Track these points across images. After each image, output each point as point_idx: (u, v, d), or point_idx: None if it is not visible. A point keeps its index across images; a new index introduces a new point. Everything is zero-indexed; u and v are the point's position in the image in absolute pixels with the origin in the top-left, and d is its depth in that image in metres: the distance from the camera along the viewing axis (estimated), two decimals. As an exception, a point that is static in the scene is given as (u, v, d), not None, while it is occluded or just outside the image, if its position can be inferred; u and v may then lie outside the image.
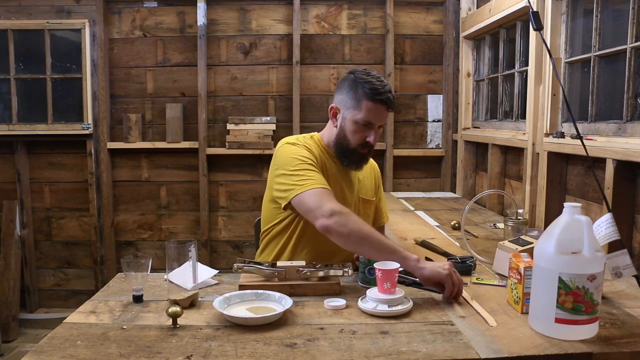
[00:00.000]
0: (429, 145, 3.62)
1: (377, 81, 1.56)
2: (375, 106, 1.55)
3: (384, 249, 1.36)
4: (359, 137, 1.59)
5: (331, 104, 1.65)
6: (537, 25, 1.47)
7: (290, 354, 1.04)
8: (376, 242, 1.37)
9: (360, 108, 1.56)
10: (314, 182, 1.48)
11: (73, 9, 3.39)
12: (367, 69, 1.63)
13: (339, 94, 1.62)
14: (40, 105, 3.42)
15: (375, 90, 1.54)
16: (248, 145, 3.43)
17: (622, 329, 1.15)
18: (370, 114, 1.56)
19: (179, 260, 1.27)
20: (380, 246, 1.37)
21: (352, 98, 1.57)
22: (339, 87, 1.64)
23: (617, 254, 1.28)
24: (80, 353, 1.04)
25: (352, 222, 1.39)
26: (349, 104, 1.58)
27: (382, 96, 1.54)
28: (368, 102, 1.55)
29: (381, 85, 1.56)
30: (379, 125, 1.61)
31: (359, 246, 1.41)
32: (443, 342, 1.09)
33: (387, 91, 1.56)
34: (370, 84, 1.55)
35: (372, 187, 1.79)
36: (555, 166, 2.22)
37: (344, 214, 1.40)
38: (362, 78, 1.57)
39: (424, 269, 1.33)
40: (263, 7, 3.47)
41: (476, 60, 3.37)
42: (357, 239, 1.38)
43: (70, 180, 3.53)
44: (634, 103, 1.83)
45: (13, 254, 3.39)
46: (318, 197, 1.44)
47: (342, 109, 1.61)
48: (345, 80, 1.62)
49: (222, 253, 3.61)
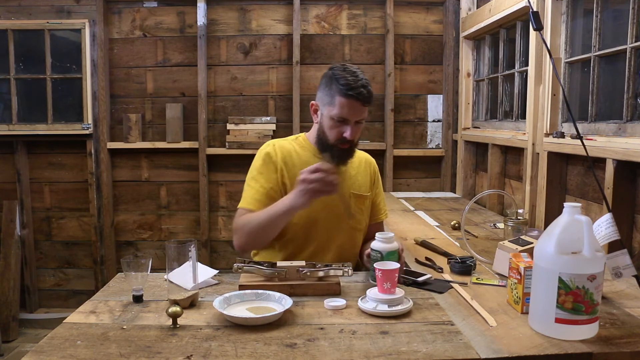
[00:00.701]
0: (429, 145, 3.62)
1: (351, 76, 1.54)
2: (348, 102, 1.53)
3: (272, 215, 1.49)
4: (336, 132, 1.58)
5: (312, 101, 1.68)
6: (537, 25, 1.47)
7: (290, 354, 1.04)
8: (264, 217, 1.51)
9: (334, 104, 1.55)
10: (242, 201, 1.63)
11: (73, 9, 3.39)
12: (346, 63, 1.61)
13: (319, 91, 1.63)
14: (40, 105, 3.42)
15: (347, 86, 1.52)
16: (248, 145, 3.43)
17: (622, 329, 1.15)
18: (343, 110, 1.54)
19: (179, 260, 1.28)
20: (268, 216, 1.50)
21: (328, 94, 1.58)
22: (320, 83, 1.64)
23: (617, 254, 1.28)
24: (80, 353, 1.04)
25: (242, 225, 1.56)
26: (325, 100, 1.59)
27: (355, 91, 1.52)
28: (341, 98, 1.53)
29: (354, 80, 1.53)
30: (356, 121, 1.58)
31: (258, 233, 1.54)
32: (443, 342, 1.09)
33: (360, 86, 1.52)
34: (344, 79, 1.53)
35: (366, 182, 1.76)
36: (555, 166, 2.22)
37: (238, 225, 1.58)
38: (338, 74, 1.55)
39: (288, 203, 1.46)
40: (263, 7, 3.47)
41: (476, 60, 3.37)
42: (253, 230, 1.53)
43: (70, 180, 3.53)
44: (634, 103, 1.83)
45: (13, 254, 3.39)
46: (237, 218, 1.61)
47: (320, 106, 1.63)
48: (324, 77, 1.62)
49: (222, 253, 3.61)
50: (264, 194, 1.62)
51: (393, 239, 1.40)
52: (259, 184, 1.63)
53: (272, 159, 1.65)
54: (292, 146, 1.70)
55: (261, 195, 1.61)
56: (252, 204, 1.61)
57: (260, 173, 1.65)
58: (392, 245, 1.39)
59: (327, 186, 1.41)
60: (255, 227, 1.53)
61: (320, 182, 1.40)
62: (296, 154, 1.68)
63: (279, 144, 1.70)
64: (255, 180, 1.65)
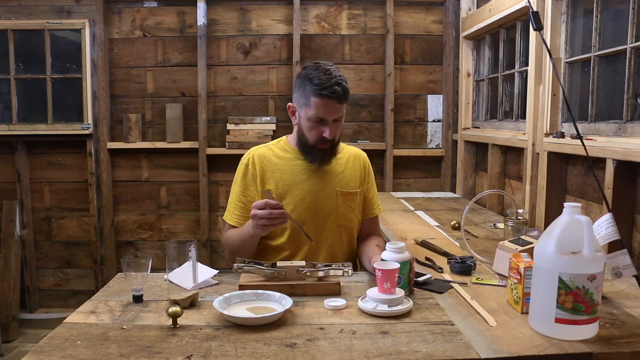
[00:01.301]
0: (429, 145, 3.62)
1: (325, 75, 1.51)
2: (323, 101, 1.51)
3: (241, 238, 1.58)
4: (315, 133, 1.58)
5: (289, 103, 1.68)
6: (537, 25, 1.47)
7: (290, 354, 1.04)
8: (237, 239, 1.60)
9: (310, 105, 1.54)
10: (227, 213, 1.73)
11: (73, 9, 3.39)
12: (320, 61, 1.58)
13: (294, 93, 1.62)
14: (40, 105, 3.42)
15: (321, 85, 1.49)
16: (248, 145, 3.43)
17: (622, 329, 1.15)
18: (319, 110, 1.53)
19: (179, 260, 1.27)
20: (240, 239, 1.59)
21: (302, 95, 1.56)
22: (294, 84, 1.63)
23: (617, 254, 1.28)
24: (80, 353, 1.04)
25: (225, 243, 1.70)
26: (301, 101, 1.57)
27: (329, 90, 1.49)
28: (315, 98, 1.52)
29: (328, 78, 1.50)
30: (334, 119, 1.56)
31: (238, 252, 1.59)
32: (443, 342, 1.09)
33: (333, 84, 1.50)
34: (317, 78, 1.50)
35: (355, 178, 1.73)
36: (555, 166, 2.22)
37: (223, 241, 1.73)
38: (311, 73, 1.53)
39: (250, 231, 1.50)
40: (263, 7, 3.47)
41: (476, 60, 3.37)
42: (234, 249, 1.63)
43: (70, 180, 3.53)
44: (634, 103, 1.83)
45: (13, 254, 3.39)
46: (223, 231, 1.75)
47: (297, 108, 1.62)
48: (298, 77, 1.60)
49: (222, 253, 3.61)
50: (241, 208, 1.68)
51: (405, 249, 1.37)
52: (237, 197, 1.70)
53: (250, 170, 1.69)
54: (272, 151, 1.71)
55: (237, 209, 1.69)
56: (230, 218, 1.71)
57: (238, 185, 1.71)
58: (404, 255, 1.36)
59: (274, 221, 1.43)
60: (233, 247, 1.63)
61: (267, 218, 1.42)
62: (277, 158, 1.69)
63: (257, 152, 1.71)
64: (234, 193, 1.72)
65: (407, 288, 1.36)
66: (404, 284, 1.35)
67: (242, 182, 1.70)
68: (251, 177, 1.68)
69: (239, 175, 1.71)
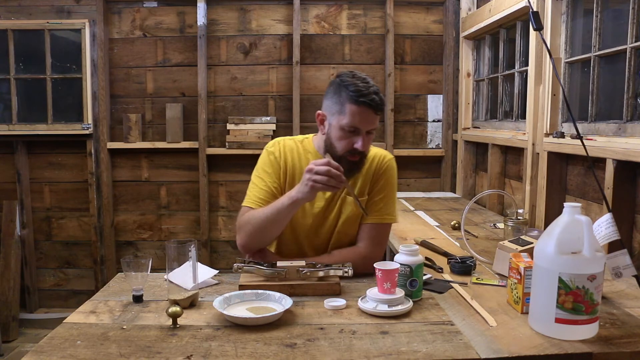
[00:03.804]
0: (429, 145, 3.62)
1: (362, 82, 1.46)
2: (359, 109, 1.45)
3: (276, 209, 1.46)
4: (345, 143, 1.49)
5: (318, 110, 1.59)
6: (537, 25, 1.47)
7: (290, 354, 1.04)
8: (268, 212, 1.48)
9: (345, 112, 1.46)
10: (247, 199, 1.60)
11: (73, 9, 3.39)
12: (355, 70, 1.53)
13: (326, 100, 1.55)
14: (40, 105, 3.42)
15: (358, 92, 1.44)
16: (248, 145, 3.43)
17: (622, 329, 1.15)
18: (355, 118, 1.46)
19: (179, 260, 1.27)
20: (272, 211, 1.47)
21: (337, 102, 1.49)
22: (326, 92, 1.56)
23: (617, 254, 1.28)
24: (80, 353, 1.04)
25: (245, 223, 1.53)
26: (334, 109, 1.50)
27: (367, 98, 1.44)
28: (352, 105, 1.45)
29: (366, 86, 1.45)
30: (367, 131, 1.49)
31: (262, 230, 1.50)
32: (443, 342, 1.09)
33: (372, 92, 1.45)
34: (354, 85, 1.45)
35: (365, 183, 1.62)
36: (555, 166, 2.22)
37: (241, 223, 1.55)
38: (347, 80, 1.47)
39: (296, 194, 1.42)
40: (263, 7, 3.47)
41: (476, 60, 3.37)
42: (257, 227, 1.50)
43: (70, 180, 3.53)
44: (634, 103, 1.83)
45: (13, 254, 3.39)
46: (239, 216, 1.58)
47: (328, 115, 1.54)
48: (331, 85, 1.54)
49: (222, 253, 3.61)
50: (269, 193, 1.57)
51: (418, 252, 1.35)
52: (263, 183, 1.59)
53: (277, 159, 1.61)
54: (298, 147, 1.65)
55: (266, 194, 1.57)
56: (256, 202, 1.57)
57: (265, 172, 1.61)
58: (419, 257, 1.34)
59: (330, 181, 1.36)
60: (258, 224, 1.49)
61: (326, 174, 1.35)
62: (300, 156, 1.63)
63: (285, 144, 1.65)
64: (260, 179, 1.60)
65: (421, 292, 1.35)
66: (419, 287, 1.33)
67: (270, 168, 1.60)
68: (277, 166, 1.60)
69: (265, 162, 1.62)
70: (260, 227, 1.50)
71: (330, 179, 1.36)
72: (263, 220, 1.49)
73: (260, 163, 1.64)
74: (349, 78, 1.48)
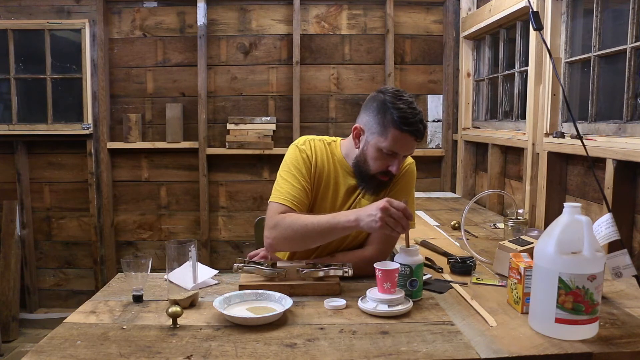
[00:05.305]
0: (429, 145, 3.62)
1: (409, 108, 1.41)
2: (402, 136, 1.41)
3: (327, 227, 1.38)
4: (380, 164, 1.47)
5: (356, 122, 1.52)
6: (537, 25, 1.47)
7: (290, 354, 1.04)
8: (323, 222, 1.39)
9: (387, 136, 1.42)
10: (278, 195, 1.51)
11: (73, 9, 3.39)
12: (400, 90, 1.47)
13: (365, 115, 1.49)
14: (40, 105, 3.42)
15: (405, 119, 1.40)
16: (248, 145, 3.43)
17: (622, 329, 1.15)
18: (396, 144, 1.42)
19: (179, 260, 1.28)
20: (320, 231, 1.39)
21: (379, 123, 1.44)
22: (366, 106, 1.50)
23: (617, 254, 1.28)
24: (80, 353, 1.04)
25: (288, 224, 1.43)
26: (375, 128, 1.45)
27: (412, 127, 1.40)
28: (395, 131, 1.41)
29: (412, 113, 1.41)
30: (404, 155, 1.48)
31: (305, 237, 1.42)
32: (443, 342, 1.09)
33: (417, 121, 1.41)
34: (400, 110, 1.40)
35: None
36: (555, 166, 2.22)
37: (279, 224, 1.44)
38: (393, 103, 1.42)
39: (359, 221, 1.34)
40: (263, 7, 3.47)
41: (476, 60, 3.37)
42: (300, 232, 1.41)
43: (70, 180, 3.53)
44: (634, 103, 1.83)
45: (13, 254, 3.39)
46: (272, 212, 1.49)
47: (366, 132, 1.48)
48: (374, 101, 1.47)
49: (222, 253, 3.61)
50: (303, 192, 1.52)
51: (418, 251, 1.35)
52: (296, 180, 1.52)
53: (310, 158, 1.56)
54: (326, 150, 1.60)
55: (299, 192, 1.51)
56: (290, 201, 1.49)
57: (298, 170, 1.54)
58: (418, 257, 1.34)
59: (397, 227, 1.30)
60: (303, 232, 1.41)
61: (395, 219, 1.29)
62: (328, 159, 1.59)
63: (315, 144, 1.59)
64: (292, 176, 1.53)
65: (421, 292, 1.35)
66: (419, 287, 1.33)
67: (301, 165, 1.54)
68: (309, 165, 1.55)
69: (297, 159, 1.55)
70: (304, 236, 1.43)
71: (399, 225, 1.30)
72: (310, 230, 1.41)
73: (291, 159, 1.56)
74: (394, 99, 1.43)
